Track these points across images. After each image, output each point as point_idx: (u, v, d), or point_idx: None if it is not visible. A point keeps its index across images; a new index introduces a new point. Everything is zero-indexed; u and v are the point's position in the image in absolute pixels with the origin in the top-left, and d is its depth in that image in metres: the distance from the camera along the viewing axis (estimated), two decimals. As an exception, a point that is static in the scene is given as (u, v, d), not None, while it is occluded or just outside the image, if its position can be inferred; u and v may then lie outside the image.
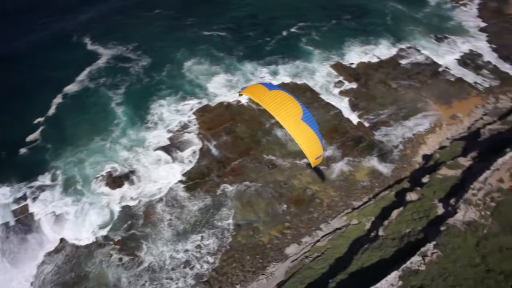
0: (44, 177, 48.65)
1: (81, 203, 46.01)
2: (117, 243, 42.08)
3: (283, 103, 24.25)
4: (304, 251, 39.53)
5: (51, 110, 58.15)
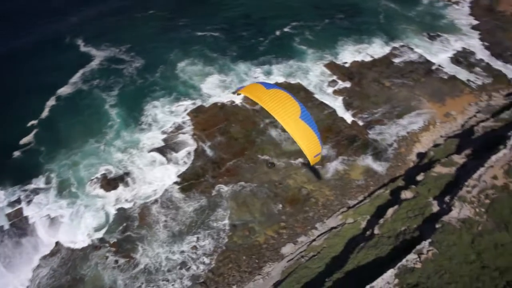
0: (38, 180, 48.27)
1: (76, 205, 45.70)
2: (112, 245, 41.88)
3: (281, 102, 24.28)
4: (300, 251, 39.51)
5: (45, 113, 57.76)
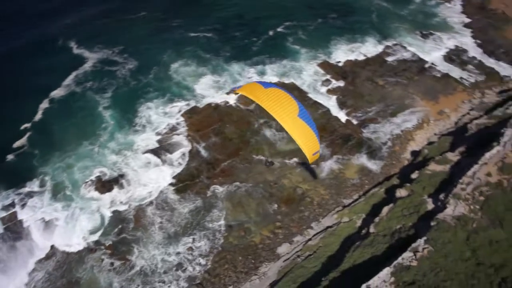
0: (32, 183, 47.92)
1: (71, 208, 45.42)
2: (108, 247, 41.69)
3: (279, 100, 24.40)
4: (296, 250, 39.52)
5: (38, 116, 57.38)
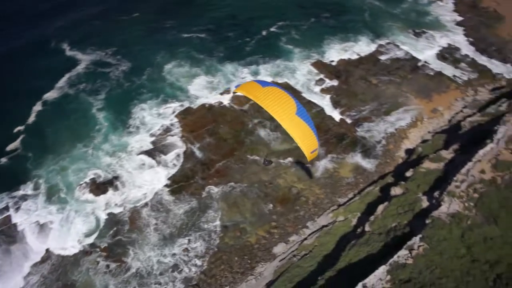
0: (26, 186, 47.69)
1: (66, 211, 45.22)
2: (103, 250, 41.55)
3: (277, 99, 24.46)
4: (292, 250, 39.58)
5: (31, 118, 57.13)
